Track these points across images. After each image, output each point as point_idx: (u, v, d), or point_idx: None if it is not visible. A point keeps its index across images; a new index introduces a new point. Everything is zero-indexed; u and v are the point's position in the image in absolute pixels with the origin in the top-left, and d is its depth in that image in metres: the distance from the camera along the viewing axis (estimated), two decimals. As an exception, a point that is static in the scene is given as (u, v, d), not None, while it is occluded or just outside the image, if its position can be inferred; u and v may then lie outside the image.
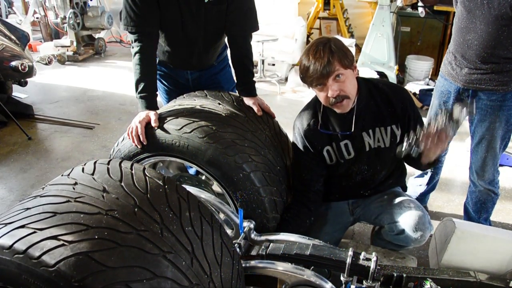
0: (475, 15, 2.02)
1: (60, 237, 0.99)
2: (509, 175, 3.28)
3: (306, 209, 1.89)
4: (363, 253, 1.46)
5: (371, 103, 1.83)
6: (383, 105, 1.83)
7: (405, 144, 1.58)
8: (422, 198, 2.70)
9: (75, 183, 1.20)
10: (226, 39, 2.16)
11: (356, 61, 5.32)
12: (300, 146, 1.91)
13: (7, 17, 7.77)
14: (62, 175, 1.29)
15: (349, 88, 1.72)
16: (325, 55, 1.65)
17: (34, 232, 1.00)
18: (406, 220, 1.79)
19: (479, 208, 2.38)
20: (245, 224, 1.67)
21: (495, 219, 2.68)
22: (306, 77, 1.72)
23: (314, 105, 1.91)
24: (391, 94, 1.84)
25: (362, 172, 1.92)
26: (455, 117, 1.51)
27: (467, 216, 2.47)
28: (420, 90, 4.65)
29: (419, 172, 2.64)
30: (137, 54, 1.91)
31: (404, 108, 1.83)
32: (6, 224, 1.04)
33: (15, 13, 8.34)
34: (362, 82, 1.83)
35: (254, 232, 1.69)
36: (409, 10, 5.23)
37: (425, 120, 2.56)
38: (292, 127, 1.98)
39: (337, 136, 1.86)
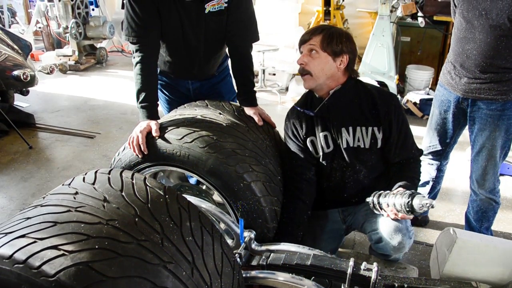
0: (473, 26, 2.04)
1: (60, 247, 0.99)
2: (510, 185, 3.27)
3: (301, 203, 1.88)
4: (364, 263, 1.45)
5: (355, 101, 1.86)
6: (367, 106, 1.86)
7: (370, 200, 1.75)
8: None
9: (76, 193, 1.20)
10: (226, 49, 2.18)
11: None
12: (289, 133, 1.97)
13: (10, 27, 7.85)
14: (63, 185, 1.29)
15: (315, 67, 1.82)
16: (316, 29, 1.85)
17: (35, 242, 1.00)
18: (384, 227, 1.77)
19: (480, 217, 2.37)
20: (246, 234, 1.66)
21: (496, 229, 2.67)
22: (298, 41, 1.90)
23: (304, 93, 2.04)
24: (378, 97, 1.87)
25: (341, 169, 1.92)
26: (415, 213, 1.59)
27: (468, 225, 2.46)
28: (421, 100, 4.67)
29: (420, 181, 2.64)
30: (138, 64, 1.92)
31: (388, 112, 1.84)
32: (6, 234, 1.04)
33: (18, 23, 8.44)
34: (352, 79, 1.89)
35: (255, 242, 1.68)
36: (409, 20, 5.26)
37: (423, 129, 2.58)
38: (283, 131, 2.04)
39: (317, 126, 1.90)
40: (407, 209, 1.57)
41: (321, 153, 1.92)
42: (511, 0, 1.89)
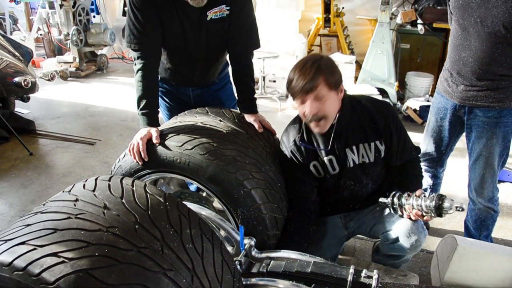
0: (469, 33, 2.05)
1: (60, 254, 0.99)
2: (510, 191, 3.27)
3: (308, 219, 1.90)
4: (364, 271, 1.45)
5: (354, 120, 1.85)
6: (366, 122, 1.85)
7: (387, 201, 1.72)
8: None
9: (76, 200, 1.20)
10: (227, 56, 2.19)
11: (356, 78, 5.41)
12: (288, 160, 1.93)
13: (11, 34, 7.89)
14: (63, 191, 1.29)
15: (329, 110, 1.74)
16: (312, 71, 1.66)
17: (34, 249, 1.00)
18: (399, 227, 1.79)
19: (479, 225, 2.36)
20: (246, 241, 1.66)
21: (497, 236, 2.66)
22: (290, 88, 1.75)
23: (299, 119, 1.93)
24: (374, 110, 1.86)
25: (348, 187, 1.93)
26: (443, 212, 1.56)
27: (468, 233, 2.45)
28: (420, 107, 4.68)
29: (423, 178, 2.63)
30: (139, 71, 1.93)
31: (387, 124, 1.85)
32: (6, 241, 1.04)
33: (19, 29, 8.48)
34: (346, 99, 1.84)
35: (255, 249, 1.68)
36: (408, 27, 5.29)
37: (420, 135, 2.58)
38: (279, 142, 2.00)
39: (320, 151, 1.88)
40: (436, 212, 1.56)
41: (327, 175, 1.92)
42: (505, 7, 1.90)
